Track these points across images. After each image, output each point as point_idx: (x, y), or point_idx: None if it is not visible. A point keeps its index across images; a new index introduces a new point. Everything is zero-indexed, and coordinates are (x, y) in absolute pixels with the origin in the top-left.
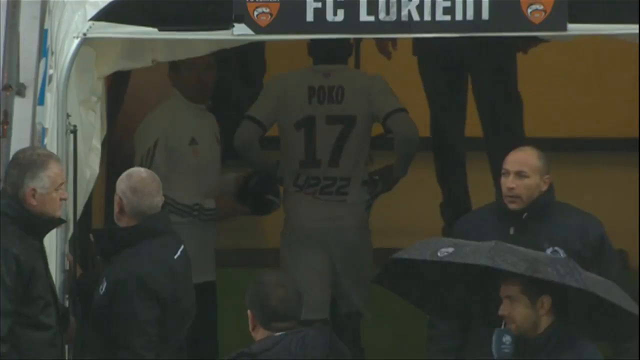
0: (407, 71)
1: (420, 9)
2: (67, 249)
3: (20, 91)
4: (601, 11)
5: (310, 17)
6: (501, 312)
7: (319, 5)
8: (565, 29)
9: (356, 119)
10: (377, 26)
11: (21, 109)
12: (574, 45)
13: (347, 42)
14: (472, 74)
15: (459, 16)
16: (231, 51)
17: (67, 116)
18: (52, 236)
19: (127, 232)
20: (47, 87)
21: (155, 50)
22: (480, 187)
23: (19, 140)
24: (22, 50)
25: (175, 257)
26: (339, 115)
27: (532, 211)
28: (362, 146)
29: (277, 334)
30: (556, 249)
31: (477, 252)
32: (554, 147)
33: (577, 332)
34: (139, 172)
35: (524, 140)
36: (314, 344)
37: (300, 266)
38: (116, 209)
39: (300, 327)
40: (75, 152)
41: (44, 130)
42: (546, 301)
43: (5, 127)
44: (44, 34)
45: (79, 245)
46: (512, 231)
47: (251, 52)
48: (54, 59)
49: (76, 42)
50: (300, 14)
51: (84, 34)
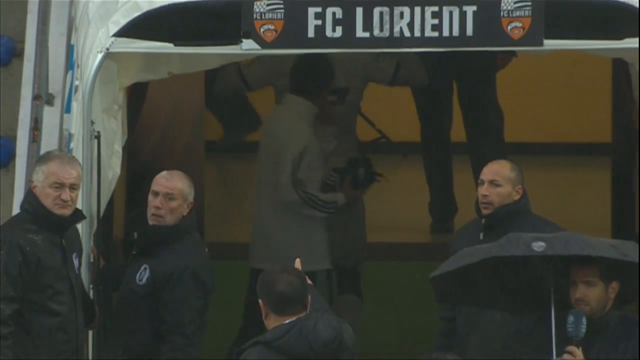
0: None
1: (410, 26)
2: (92, 243)
3: (49, 100)
4: (574, 28)
5: (311, 33)
6: (578, 295)
7: (319, 22)
8: (541, 44)
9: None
10: (372, 41)
11: (50, 116)
12: (550, 58)
13: (325, 71)
14: (458, 87)
15: (445, 32)
16: None
17: (92, 123)
18: (80, 233)
19: (173, 230)
20: (73, 97)
21: (170, 63)
22: (464, 188)
23: (48, 144)
24: (51, 63)
25: (206, 251)
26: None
27: (494, 216)
28: None
29: (287, 321)
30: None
31: (569, 243)
32: (531, 151)
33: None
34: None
35: (503, 144)
36: (323, 328)
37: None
38: (166, 208)
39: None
40: (99, 156)
41: (70, 135)
42: (615, 285)
43: (35, 133)
44: (70, 49)
45: (104, 241)
46: (481, 236)
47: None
48: (79, 71)
49: (100, 56)
50: (302, 31)
51: (107, 49)
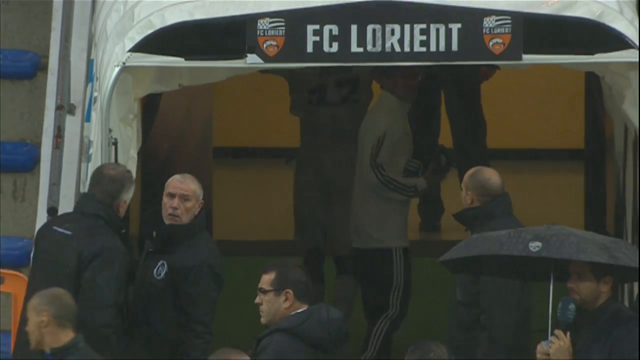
0: None
1: (401, 42)
2: None
3: (70, 110)
4: (551, 44)
5: (310, 48)
6: (569, 284)
7: (317, 38)
8: (520, 58)
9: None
10: (366, 56)
11: (71, 125)
12: (529, 71)
13: None
14: (445, 99)
15: (433, 48)
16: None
17: (109, 131)
18: None
19: (188, 228)
20: (92, 107)
21: (181, 76)
22: (451, 191)
23: (70, 150)
24: (73, 76)
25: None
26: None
27: (459, 217)
28: None
29: (300, 310)
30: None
31: (563, 245)
32: (512, 156)
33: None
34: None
35: (487, 150)
36: (336, 316)
37: None
38: (182, 209)
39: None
40: (116, 161)
41: (90, 142)
42: (608, 280)
43: (58, 140)
44: (90, 63)
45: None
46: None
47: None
48: (98, 83)
49: (117, 69)
50: (301, 46)
51: (124, 63)
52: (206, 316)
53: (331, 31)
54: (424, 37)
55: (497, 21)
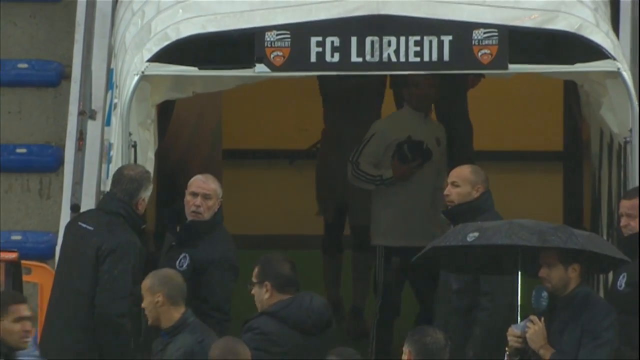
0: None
1: (397, 52)
2: None
3: (92, 115)
4: (534, 55)
5: (313, 58)
6: (540, 274)
7: (320, 49)
8: (507, 68)
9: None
10: (365, 65)
11: (93, 129)
12: (512, 79)
13: None
14: (435, 105)
15: (426, 58)
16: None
17: (129, 134)
18: None
19: (209, 224)
20: (112, 112)
21: (195, 84)
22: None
23: (91, 152)
24: (94, 84)
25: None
26: None
27: (452, 211)
28: None
29: (286, 297)
30: (475, 234)
31: (497, 233)
32: (496, 158)
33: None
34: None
35: (472, 153)
36: (318, 303)
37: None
38: (204, 206)
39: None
40: (135, 162)
41: (110, 145)
42: (576, 267)
43: (81, 143)
44: (110, 72)
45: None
46: (451, 227)
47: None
48: (118, 91)
49: (136, 78)
50: (305, 56)
51: (142, 72)
52: (225, 304)
53: (333, 42)
54: (418, 48)
55: (485, 33)
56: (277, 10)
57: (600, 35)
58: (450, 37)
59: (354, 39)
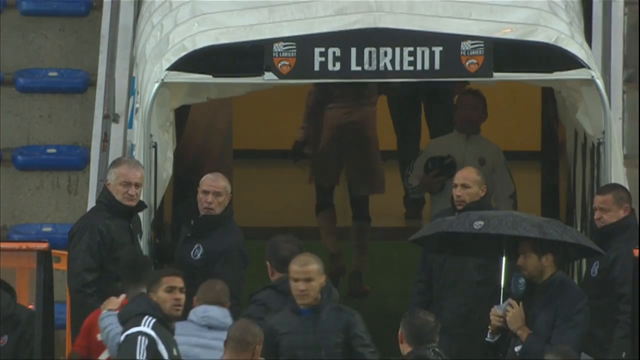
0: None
1: (392, 61)
2: (150, 228)
3: (115, 119)
4: (517, 64)
5: (317, 67)
6: (518, 262)
7: (323, 59)
8: (491, 75)
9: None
10: (363, 74)
11: (116, 131)
12: (495, 86)
13: None
14: (425, 109)
15: (419, 66)
16: None
17: (150, 136)
18: (142, 219)
19: (220, 218)
20: (134, 116)
21: (209, 90)
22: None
23: (114, 152)
24: (117, 91)
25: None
26: None
27: (469, 208)
28: None
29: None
30: (480, 222)
31: (502, 223)
32: None
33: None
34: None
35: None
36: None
37: None
38: (215, 203)
39: None
40: (155, 161)
41: (133, 146)
42: (549, 257)
43: (105, 144)
44: (132, 80)
45: (157, 225)
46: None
47: None
48: (139, 97)
49: (156, 85)
50: (310, 65)
51: (162, 80)
52: (236, 291)
53: (334, 53)
54: (412, 58)
55: (472, 45)
56: (283, 23)
57: (575, 46)
58: (440, 48)
59: (353, 50)
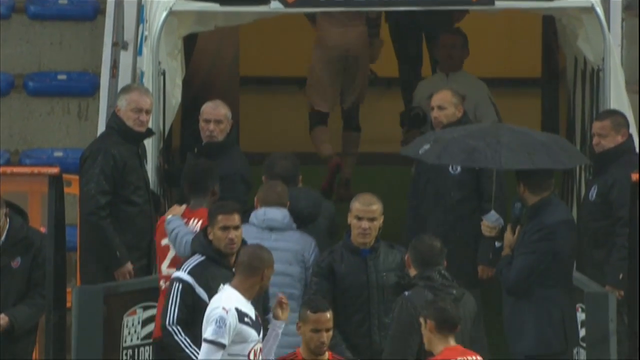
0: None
1: None
2: (159, 153)
3: (124, 46)
4: None
5: None
6: (517, 188)
7: None
8: (493, 4)
9: None
10: (368, 2)
11: (125, 58)
12: (494, 14)
13: None
14: (427, 39)
15: None
16: None
17: (159, 63)
18: (150, 145)
19: (223, 144)
20: (144, 44)
21: (216, 18)
22: None
23: (124, 79)
24: (126, 19)
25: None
26: None
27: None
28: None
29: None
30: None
31: (445, 151)
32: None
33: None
34: None
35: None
36: (303, 202)
37: None
38: (217, 130)
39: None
40: (164, 88)
41: (142, 73)
42: (521, 186)
43: (114, 71)
44: (141, 8)
45: (166, 151)
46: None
47: None
48: (148, 25)
49: (165, 13)
50: None
51: (170, 8)
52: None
53: None
54: None
55: None
56: None
57: None
58: None
59: None
